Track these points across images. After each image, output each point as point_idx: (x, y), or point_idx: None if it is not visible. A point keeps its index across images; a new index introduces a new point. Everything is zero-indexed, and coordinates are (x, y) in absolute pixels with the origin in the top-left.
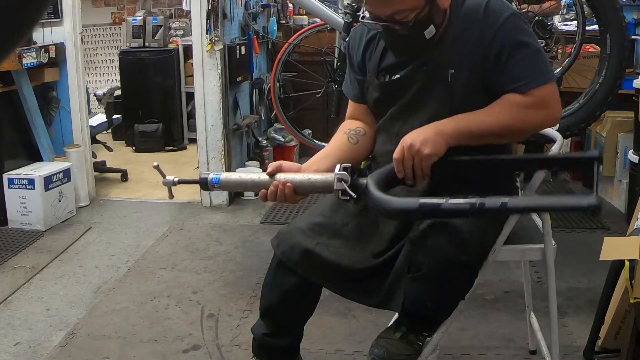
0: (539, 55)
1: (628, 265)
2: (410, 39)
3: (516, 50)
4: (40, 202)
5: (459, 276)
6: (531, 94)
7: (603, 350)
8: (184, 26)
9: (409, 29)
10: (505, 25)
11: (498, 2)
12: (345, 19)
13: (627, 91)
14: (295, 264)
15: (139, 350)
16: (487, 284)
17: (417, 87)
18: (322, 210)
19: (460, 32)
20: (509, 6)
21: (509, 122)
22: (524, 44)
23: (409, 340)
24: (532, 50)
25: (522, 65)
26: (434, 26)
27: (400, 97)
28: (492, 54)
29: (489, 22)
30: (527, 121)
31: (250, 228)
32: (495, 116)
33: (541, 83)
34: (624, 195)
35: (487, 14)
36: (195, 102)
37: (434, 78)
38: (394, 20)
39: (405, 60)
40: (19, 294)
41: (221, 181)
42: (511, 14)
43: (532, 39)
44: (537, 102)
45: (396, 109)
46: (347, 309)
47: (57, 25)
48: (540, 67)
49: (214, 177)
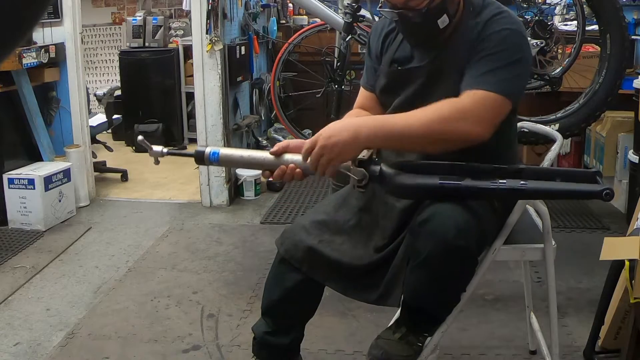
0: (511, 69)
1: (628, 265)
2: (423, 27)
3: (492, 56)
4: (40, 202)
5: (458, 262)
6: (469, 95)
7: (603, 350)
8: (184, 26)
9: (422, 16)
10: (497, 35)
11: (503, 17)
12: (345, 19)
13: (627, 91)
14: (298, 261)
15: (139, 350)
16: (487, 284)
17: (422, 82)
18: (325, 208)
19: (469, 39)
20: (514, 22)
21: (431, 124)
22: (504, 55)
23: (409, 341)
24: (507, 62)
25: (487, 69)
26: (447, 16)
27: (405, 89)
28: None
29: (486, 31)
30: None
31: (250, 228)
32: (418, 117)
33: (487, 89)
34: (624, 195)
35: (488, 24)
36: (195, 102)
37: (438, 75)
38: (408, 7)
39: (417, 54)
40: (19, 294)
41: (221, 157)
42: (509, 28)
43: (518, 55)
44: (469, 107)
45: (400, 100)
46: (347, 309)
47: (57, 25)
48: (503, 78)
49: (213, 152)
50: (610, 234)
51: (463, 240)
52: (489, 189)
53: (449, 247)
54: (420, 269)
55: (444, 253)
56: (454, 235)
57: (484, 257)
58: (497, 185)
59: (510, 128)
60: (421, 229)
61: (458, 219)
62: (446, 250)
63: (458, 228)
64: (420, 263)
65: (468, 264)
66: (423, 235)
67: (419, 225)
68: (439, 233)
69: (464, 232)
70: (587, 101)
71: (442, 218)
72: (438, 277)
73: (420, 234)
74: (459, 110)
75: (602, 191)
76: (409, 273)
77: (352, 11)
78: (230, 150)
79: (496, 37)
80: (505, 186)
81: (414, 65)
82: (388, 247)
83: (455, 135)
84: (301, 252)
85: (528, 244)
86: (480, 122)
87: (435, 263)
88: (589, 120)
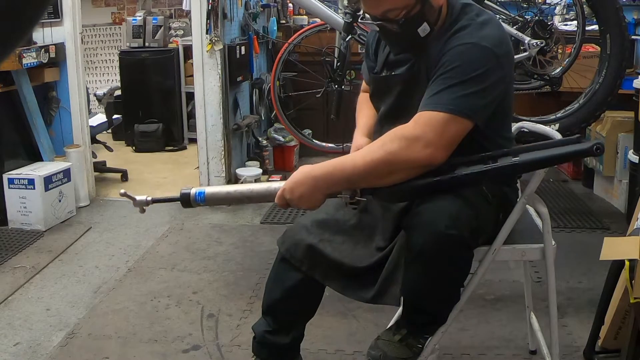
0: (465, 87)
1: (628, 265)
2: (404, 36)
3: (447, 73)
4: (40, 202)
5: (451, 252)
6: (413, 120)
7: (603, 350)
8: (184, 26)
9: (400, 26)
10: (456, 49)
11: (470, 30)
12: (345, 19)
13: (627, 91)
14: (298, 260)
15: (139, 350)
16: (487, 284)
17: (399, 90)
18: (326, 207)
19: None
20: (479, 36)
21: (374, 157)
22: (459, 71)
23: (409, 343)
24: (461, 80)
25: (439, 89)
26: (428, 24)
27: (387, 96)
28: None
29: (448, 45)
30: (396, 152)
31: (250, 228)
32: (362, 155)
33: (431, 109)
34: (624, 195)
35: (452, 37)
36: (195, 102)
37: (414, 85)
38: (387, 18)
39: (400, 61)
40: (19, 294)
41: (207, 196)
42: (470, 43)
43: (476, 72)
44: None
45: (384, 109)
46: (347, 309)
47: (57, 25)
48: (456, 97)
49: (198, 192)
50: (610, 234)
51: (455, 229)
52: (484, 171)
53: (441, 237)
54: (415, 262)
55: (437, 244)
56: (445, 225)
57: (483, 257)
58: (491, 166)
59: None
60: (413, 222)
61: (449, 209)
62: (439, 240)
63: (450, 218)
64: (415, 256)
65: (462, 253)
66: (415, 228)
67: (412, 219)
68: (431, 224)
69: (456, 222)
70: (587, 101)
71: (434, 209)
72: (434, 269)
73: (412, 227)
74: (403, 138)
75: (592, 147)
76: (406, 268)
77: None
78: (216, 188)
79: (451, 54)
80: (499, 165)
81: (393, 72)
82: (386, 248)
83: (404, 164)
84: (301, 251)
85: (528, 244)
86: (427, 145)
87: (430, 255)
88: (589, 120)
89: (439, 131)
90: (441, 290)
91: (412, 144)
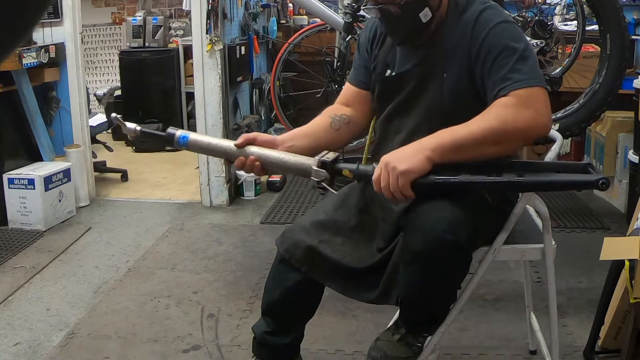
0: (527, 60)
1: (628, 265)
2: (405, 22)
3: (502, 54)
4: (40, 202)
5: (448, 256)
6: (514, 95)
7: (603, 350)
8: (184, 26)
9: (402, 8)
10: (493, 31)
11: (491, 12)
12: (345, 19)
13: (627, 91)
14: (298, 261)
15: (139, 350)
16: (487, 284)
17: (413, 85)
18: (325, 208)
19: (457, 37)
20: (501, 14)
21: (491, 125)
22: (511, 49)
23: (408, 342)
24: (519, 55)
25: (507, 69)
26: (429, 9)
27: (398, 94)
28: (480, 61)
29: (479, 30)
30: (511, 121)
31: (250, 228)
32: (477, 123)
33: (525, 85)
34: (624, 195)
35: (478, 22)
36: (195, 102)
37: (428, 79)
38: (388, 0)
39: (406, 56)
40: (19, 294)
41: (189, 141)
42: (500, 22)
43: (522, 44)
44: (521, 102)
45: (393, 106)
46: (347, 309)
47: (57, 25)
48: (527, 71)
49: (182, 135)
50: (610, 234)
51: (452, 234)
52: (487, 182)
53: (438, 241)
54: (412, 264)
55: (434, 248)
56: (442, 229)
57: (483, 257)
58: (495, 179)
59: None
60: (411, 224)
61: (447, 213)
62: (436, 245)
63: (447, 222)
64: (412, 258)
65: (459, 257)
66: (413, 230)
67: (410, 222)
68: (428, 228)
69: (454, 226)
70: (587, 101)
71: (432, 213)
72: (430, 272)
73: (410, 229)
74: (519, 108)
75: (597, 180)
76: (403, 269)
77: (352, 11)
78: (199, 136)
79: (493, 34)
80: (503, 180)
81: (403, 69)
82: (386, 249)
83: (521, 133)
84: (301, 251)
85: (528, 244)
86: (540, 115)
87: (426, 258)
88: (589, 120)
89: (542, 102)
90: (437, 291)
91: (532, 115)
